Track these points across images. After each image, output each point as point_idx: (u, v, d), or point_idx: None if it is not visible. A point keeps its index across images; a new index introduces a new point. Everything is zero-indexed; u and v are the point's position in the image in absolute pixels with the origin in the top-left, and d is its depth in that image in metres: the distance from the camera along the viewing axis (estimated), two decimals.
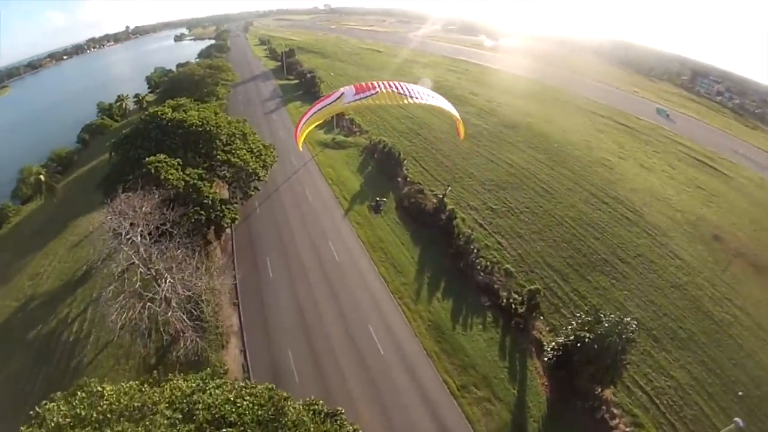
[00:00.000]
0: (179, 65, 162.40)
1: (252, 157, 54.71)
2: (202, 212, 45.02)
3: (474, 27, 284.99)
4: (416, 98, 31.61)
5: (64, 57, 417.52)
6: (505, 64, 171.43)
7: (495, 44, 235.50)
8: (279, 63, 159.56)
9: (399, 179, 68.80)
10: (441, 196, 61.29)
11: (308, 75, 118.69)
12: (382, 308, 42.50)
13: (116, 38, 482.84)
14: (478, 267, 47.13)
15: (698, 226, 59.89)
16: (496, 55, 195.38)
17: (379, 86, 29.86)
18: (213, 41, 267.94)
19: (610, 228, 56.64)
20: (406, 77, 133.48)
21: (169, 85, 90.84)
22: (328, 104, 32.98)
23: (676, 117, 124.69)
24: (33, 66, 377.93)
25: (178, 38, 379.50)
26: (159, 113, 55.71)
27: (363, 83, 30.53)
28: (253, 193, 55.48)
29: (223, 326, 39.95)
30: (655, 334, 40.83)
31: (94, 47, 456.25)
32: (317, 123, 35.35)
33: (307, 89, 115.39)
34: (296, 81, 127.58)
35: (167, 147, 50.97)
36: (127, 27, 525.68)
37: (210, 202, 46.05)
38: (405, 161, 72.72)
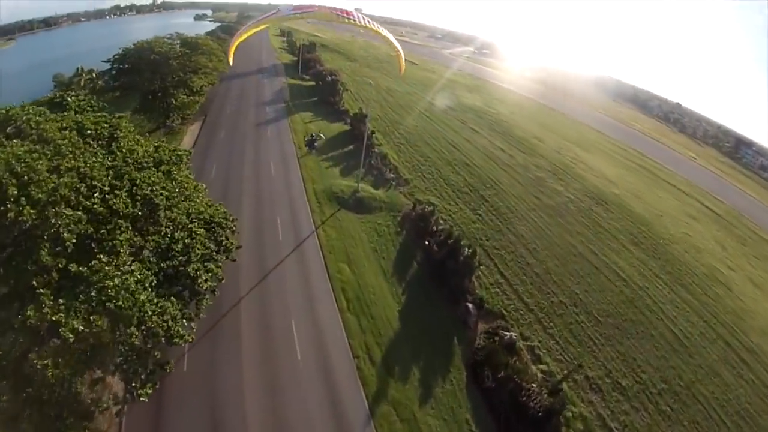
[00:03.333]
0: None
1: (153, 302, 18.77)
2: None
3: (509, 55, 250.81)
4: (357, 21, 30.13)
5: (82, 19, 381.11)
6: (551, 101, 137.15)
7: (533, 76, 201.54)
8: (295, 59, 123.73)
9: (469, 303, 33.56)
10: (558, 386, 26.37)
11: (329, 78, 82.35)
12: None
13: (138, 9, 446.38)
14: None
15: None
16: (539, 88, 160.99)
17: (316, 7, 29.17)
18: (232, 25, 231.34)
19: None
20: (450, 99, 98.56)
21: (121, 64, 54.88)
22: (263, 18, 32.92)
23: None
24: (48, 23, 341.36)
25: (199, 17, 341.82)
26: None
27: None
28: (145, 394, 18.36)
29: None
30: None
31: (114, 14, 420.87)
32: (249, 34, 33.10)
33: (325, 96, 79.20)
34: (312, 83, 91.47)
35: None
36: (154, 0, 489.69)
37: None
38: (479, 265, 37.74)
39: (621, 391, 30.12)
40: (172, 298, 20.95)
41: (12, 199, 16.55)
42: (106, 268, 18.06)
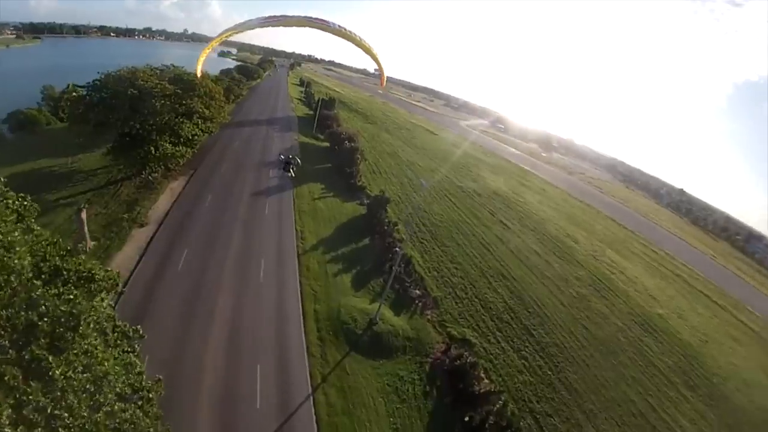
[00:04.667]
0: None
1: None
2: None
3: (521, 131, 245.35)
4: (334, 26, 27.14)
5: (112, 34, 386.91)
6: (572, 187, 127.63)
7: (549, 156, 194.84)
8: (311, 112, 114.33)
9: None
10: None
11: (347, 143, 71.04)
12: None
13: (167, 36, 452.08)
14: None
15: None
16: (559, 172, 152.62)
17: (289, 17, 26.32)
18: (255, 66, 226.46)
19: None
20: (475, 181, 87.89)
21: (97, 92, 42.77)
22: (232, 27, 28.38)
23: None
24: (78, 31, 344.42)
25: (223, 54, 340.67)
26: None
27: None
28: None
29: None
30: None
31: (144, 36, 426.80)
32: (216, 43, 30.18)
33: (340, 164, 67.39)
34: (326, 144, 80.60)
35: None
36: (185, 30, 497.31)
37: None
38: None
39: None
40: None
41: None
42: None
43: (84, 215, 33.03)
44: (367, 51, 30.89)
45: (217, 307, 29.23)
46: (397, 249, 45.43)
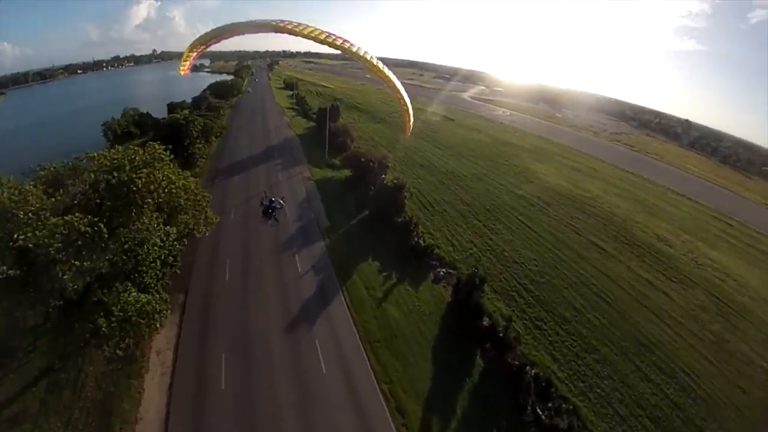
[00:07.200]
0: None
1: None
2: None
3: (519, 88, 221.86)
4: (358, 51, 20.60)
5: (79, 71, 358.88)
6: (611, 155, 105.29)
7: (564, 117, 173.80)
8: (312, 125, 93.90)
9: None
10: None
11: (382, 178, 51.17)
12: None
13: (137, 61, 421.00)
14: None
15: None
16: (587, 136, 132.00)
17: (307, 27, 19.66)
18: (231, 77, 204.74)
19: None
20: (529, 181, 68.75)
21: None
22: (239, 23, 21.28)
23: None
24: (43, 76, 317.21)
25: (196, 68, 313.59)
26: None
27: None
28: None
29: None
30: None
31: (112, 66, 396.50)
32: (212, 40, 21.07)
33: (382, 211, 47.53)
34: (347, 172, 60.77)
35: None
36: (154, 51, 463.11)
37: None
38: None
39: None
40: None
41: None
42: None
43: None
44: (396, 93, 23.90)
45: None
46: (527, 369, 26.93)
